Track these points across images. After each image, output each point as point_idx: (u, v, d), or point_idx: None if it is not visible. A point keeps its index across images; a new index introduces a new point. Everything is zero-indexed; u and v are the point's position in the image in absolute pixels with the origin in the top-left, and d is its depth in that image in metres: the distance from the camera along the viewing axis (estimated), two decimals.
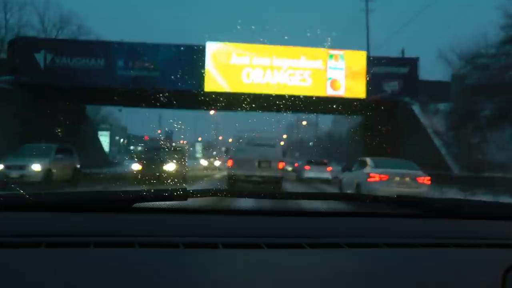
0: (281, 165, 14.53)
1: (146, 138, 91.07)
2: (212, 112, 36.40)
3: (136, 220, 1.01)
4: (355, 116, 25.70)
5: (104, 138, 29.03)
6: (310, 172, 21.90)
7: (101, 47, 21.07)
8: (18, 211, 1.00)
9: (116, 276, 0.77)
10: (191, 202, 1.11)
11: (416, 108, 20.65)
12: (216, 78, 21.27)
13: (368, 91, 21.65)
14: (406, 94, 22.19)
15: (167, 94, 19.34)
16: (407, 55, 23.79)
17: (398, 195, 1.27)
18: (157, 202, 1.10)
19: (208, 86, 20.94)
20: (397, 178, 9.55)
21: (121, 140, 79.02)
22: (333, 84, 22.01)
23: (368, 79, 21.71)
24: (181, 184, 13.01)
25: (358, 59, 21.39)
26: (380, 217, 1.20)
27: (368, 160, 10.70)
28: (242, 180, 13.68)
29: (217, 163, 37.32)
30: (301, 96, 20.04)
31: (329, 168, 22.55)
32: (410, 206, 1.29)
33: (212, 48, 21.28)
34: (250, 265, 0.84)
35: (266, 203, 1.25)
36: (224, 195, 1.23)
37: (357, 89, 21.70)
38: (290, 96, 19.66)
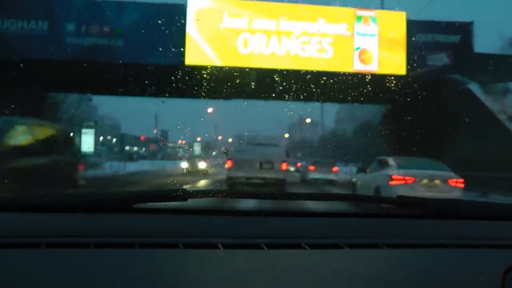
0: (284, 166, 13.98)
1: (143, 138, 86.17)
2: (210, 109, 34.84)
3: (136, 220, 1.09)
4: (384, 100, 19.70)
5: (88, 137, 27.62)
6: (315, 173, 21.23)
7: (44, 4, 16.72)
8: (18, 211, 1.08)
9: (116, 277, 0.84)
10: (191, 202, 1.16)
11: (475, 88, 15.86)
12: (202, 47, 16.85)
13: (408, 66, 17.21)
14: (458, 70, 17.87)
15: (132, 70, 14.68)
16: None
17: (398, 195, 1.34)
18: (157, 203, 1.16)
19: (191, 58, 16.77)
20: (425, 181, 8.63)
21: (114, 139, 74.01)
22: (363, 55, 17.44)
23: (408, 49, 17.15)
24: None
25: (395, 22, 17.95)
26: (380, 217, 1.25)
27: (390, 159, 9.74)
28: (242, 182, 13.14)
29: (202, 164, 31.36)
30: (319, 73, 15.42)
31: (335, 169, 22.40)
32: (411, 207, 1.32)
33: (197, 6, 17.17)
34: (250, 266, 0.92)
35: (266, 204, 1.30)
36: (224, 195, 1.28)
37: (395, 63, 17.24)
38: (304, 73, 15.38)
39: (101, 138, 72.82)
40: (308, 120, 61.05)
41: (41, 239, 0.94)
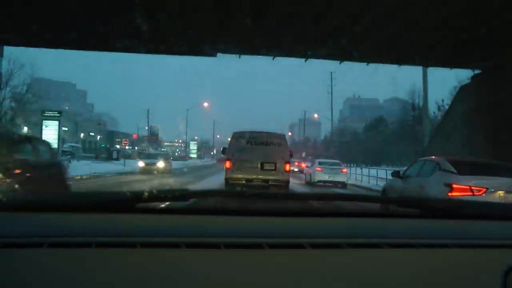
0: (287, 167, 12.87)
1: (135, 136, 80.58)
2: (206, 104, 36.05)
3: (138, 220, 1.08)
4: None
5: (50, 131, 23.05)
6: (322, 174, 19.20)
7: None
8: (20, 211, 1.08)
9: (118, 276, 0.85)
10: (193, 202, 1.17)
11: None
12: None
13: None
14: None
15: None
16: None
17: (398, 195, 1.52)
18: (159, 203, 1.17)
19: None
20: (500, 193, 6.29)
21: (98, 137, 68.66)
22: None
23: None
24: None
25: None
26: (381, 217, 1.26)
27: (444, 161, 7.21)
28: (242, 185, 12.22)
29: (159, 164, 25.82)
30: None
31: (345, 170, 20.54)
32: (411, 206, 1.33)
33: None
34: (252, 265, 0.92)
35: (267, 204, 1.31)
36: (226, 195, 1.31)
37: None
38: None
39: (82, 134, 67.38)
40: (316, 115, 55.95)
41: (43, 239, 0.95)
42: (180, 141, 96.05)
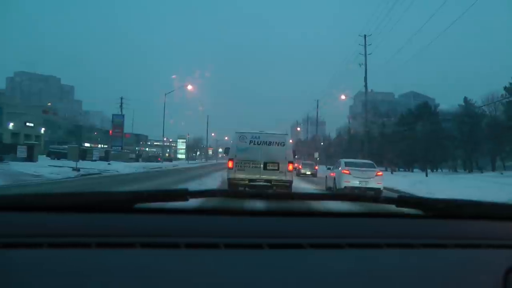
0: (291, 167, 12.75)
1: (111, 133, 66.31)
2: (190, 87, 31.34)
3: (137, 220, 1.08)
4: None
5: None
6: (351, 178, 14.82)
7: None
8: (20, 211, 1.08)
9: (117, 276, 0.85)
10: (192, 202, 1.16)
11: None
12: None
13: None
14: None
15: None
16: None
17: (398, 195, 1.37)
18: (158, 203, 1.16)
19: None
20: None
21: (42, 129, 54.54)
22: None
23: None
24: None
25: None
26: (380, 217, 1.25)
27: None
28: (245, 185, 12.22)
29: None
30: None
31: (380, 173, 15.54)
32: (410, 206, 1.30)
33: None
34: (251, 265, 0.93)
35: (267, 204, 1.31)
36: (225, 195, 1.29)
37: None
38: None
39: (11, 124, 52.91)
40: (343, 97, 43.69)
41: (43, 239, 0.94)
42: (171, 140, 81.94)
